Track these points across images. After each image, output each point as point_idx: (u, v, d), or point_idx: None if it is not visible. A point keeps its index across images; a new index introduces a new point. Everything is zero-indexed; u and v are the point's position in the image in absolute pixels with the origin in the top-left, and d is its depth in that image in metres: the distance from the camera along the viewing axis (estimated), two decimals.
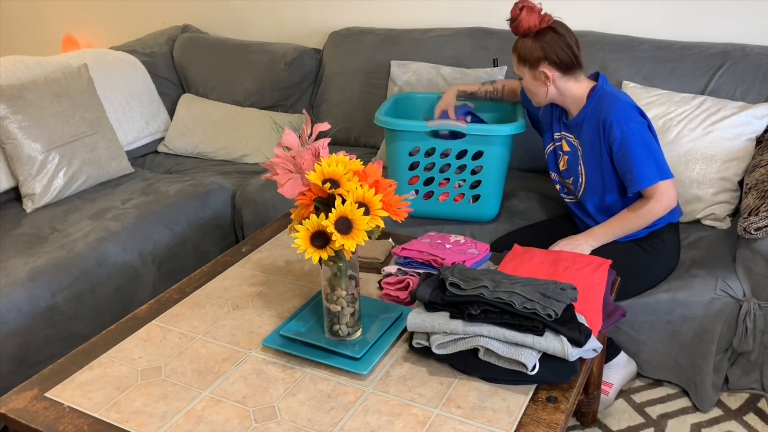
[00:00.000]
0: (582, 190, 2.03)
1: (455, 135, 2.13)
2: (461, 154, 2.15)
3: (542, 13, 1.90)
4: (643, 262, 1.97)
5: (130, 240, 2.30)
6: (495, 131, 2.10)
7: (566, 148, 2.07)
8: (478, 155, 2.14)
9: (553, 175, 2.15)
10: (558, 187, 2.14)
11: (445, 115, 2.23)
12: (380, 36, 2.91)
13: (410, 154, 2.18)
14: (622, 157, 1.89)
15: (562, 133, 2.07)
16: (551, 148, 2.12)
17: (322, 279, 1.45)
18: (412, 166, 2.21)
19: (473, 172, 2.19)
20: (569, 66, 1.93)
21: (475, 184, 2.19)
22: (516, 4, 1.90)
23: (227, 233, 2.66)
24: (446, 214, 2.26)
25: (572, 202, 2.10)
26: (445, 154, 2.18)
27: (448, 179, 2.20)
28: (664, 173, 1.88)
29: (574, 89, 1.97)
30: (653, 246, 1.98)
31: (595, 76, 2.01)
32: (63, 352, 2.02)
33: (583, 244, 1.94)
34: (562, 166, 2.09)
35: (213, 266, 1.87)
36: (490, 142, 2.11)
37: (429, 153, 2.18)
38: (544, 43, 1.90)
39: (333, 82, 2.97)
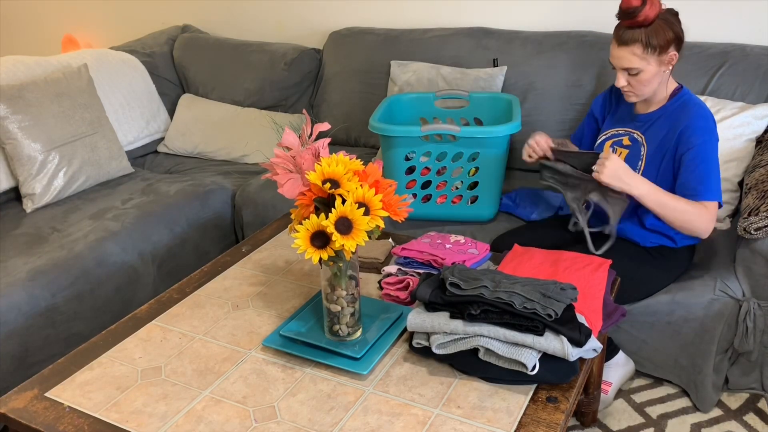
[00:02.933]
0: None
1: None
2: (457, 157, 2.15)
3: None
4: (648, 268, 1.96)
5: (130, 240, 2.30)
6: (490, 133, 2.10)
7: (627, 142, 1.98)
8: (474, 157, 2.14)
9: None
10: None
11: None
12: (380, 36, 2.91)
13: (406, 158, 2.18)
14: (695, 165, 1.83)
15: (628, 128, 1.99)
16: (607, 142, 2.03)
17: (322, 279, 1.45)
18: (409, 170, 2.21)
19: (470, 174, 2.19)
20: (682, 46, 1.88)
21: (473, 185, 2.19)
22: None
23: (227, 233, 2.67)
24: (445, 216, 2.26)
25: None
26: (441, 157, 2.18)
27: (445, 182, 2.20)
28: (720, 196, 1.85)
29: (670, 82, 1.92)
30: (661, 253, 1.97)
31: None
32: (63, 352, 2.02)
33: (637, 185, 1.80)
34: None
35: (213, 266, 1.87)
36: (485, 143, 2.10)
37: (425, 157, 2.18)
38: (669, 22, 1.82)
39: (333, 82, 2.97)
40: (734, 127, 2.19)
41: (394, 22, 3.01)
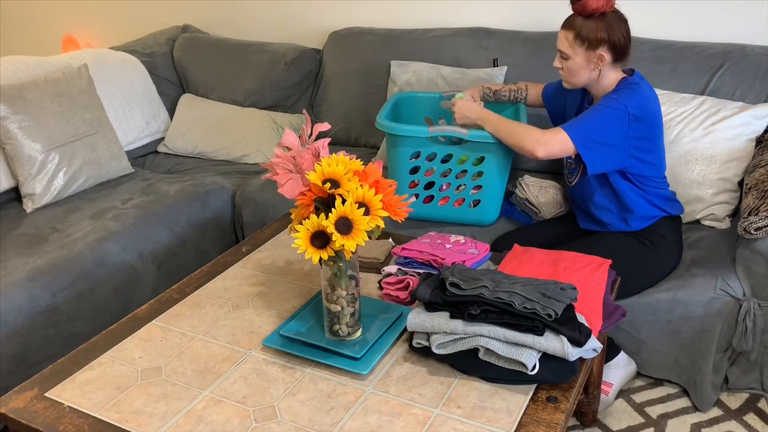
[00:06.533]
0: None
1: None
2: (462, 160, 2.14)
3: None
4: (644, 259, 1.97)
5: (130, 240, 2.30)
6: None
7: None
8: (479, 161, 2.13)
9: (568, 162, 2.12)
10: (567, 173, 2.13)
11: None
12: (380, 36, 2.91)
13: (411, 158, 2.17)
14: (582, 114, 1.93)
15: None
16: None
17: (322, 279, 1.45)
18: (413, 170, 2.21)
19: (474, 177, 2.18)
20: (622, 54, 1.93)
21: (476, 189, 2.19)
22: None
23: (227, 233, 2.66)
24: (446, 218, 2.25)
25: (575, 186, 2.10)
26: (446, 159, 2.17)
27: (448, 184, 2.19)
28: (572, 132, 1.89)
29: (612, 78, 1.97)
30: (653, 242, 1.98)
31: (630, 72, 2.01)
32: (63, 352, 2.02)
33: (473, 114, 2.07)
34: None
35: (213, 266, 1.87)
36: (491, 148, 2.09)
37: (430, 158, 2.17)
38: (609, 25, 1.89)
39: (333, 82, 2.97)
40: (734, 127, 2.19)
41: (394, 22, 3.01)
